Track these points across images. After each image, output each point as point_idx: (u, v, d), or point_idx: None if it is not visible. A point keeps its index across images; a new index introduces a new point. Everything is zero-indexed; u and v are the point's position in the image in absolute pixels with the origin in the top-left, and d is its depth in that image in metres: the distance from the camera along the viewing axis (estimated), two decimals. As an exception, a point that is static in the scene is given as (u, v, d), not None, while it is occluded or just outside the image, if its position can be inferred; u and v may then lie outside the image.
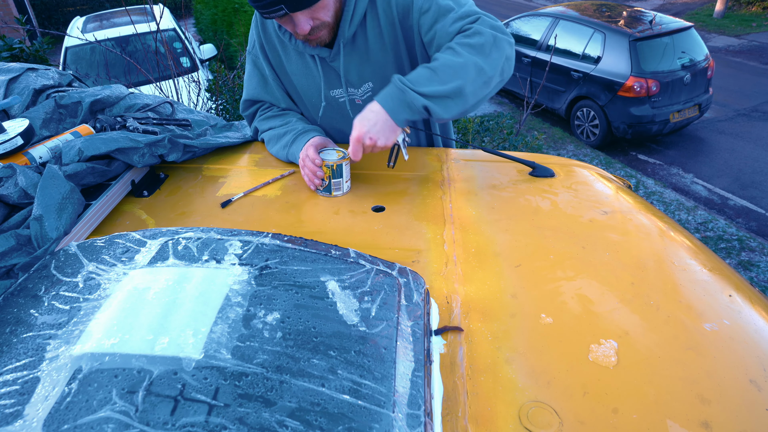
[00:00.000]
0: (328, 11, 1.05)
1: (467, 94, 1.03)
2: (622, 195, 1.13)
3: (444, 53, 1.05)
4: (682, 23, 5.57)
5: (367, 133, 1.02)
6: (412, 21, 1.13)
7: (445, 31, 1.08)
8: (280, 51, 1.24)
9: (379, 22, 1.14)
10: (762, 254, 3.82)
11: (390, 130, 1.04)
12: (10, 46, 4.19)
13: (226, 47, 6.37)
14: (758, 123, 6.05)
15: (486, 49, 1.04)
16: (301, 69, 1.24)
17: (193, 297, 0.64)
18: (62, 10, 11.72)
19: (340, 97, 1.26)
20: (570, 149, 5.66)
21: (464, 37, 1.05)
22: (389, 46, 1.17)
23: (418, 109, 1.02)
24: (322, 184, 1.10)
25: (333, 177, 1.09)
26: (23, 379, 0.54)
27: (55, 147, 1.09)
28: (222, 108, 3.25)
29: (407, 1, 1.11)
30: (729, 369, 0.67)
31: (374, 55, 1.18)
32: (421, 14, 1.11)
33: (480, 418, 0.62)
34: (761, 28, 10.05)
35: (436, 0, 1.09)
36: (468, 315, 0.77)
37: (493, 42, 1.05)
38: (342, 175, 1.09)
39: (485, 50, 1.04)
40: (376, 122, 1.02)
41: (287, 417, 0.52)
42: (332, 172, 1.08)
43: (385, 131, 1.03)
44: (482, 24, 1.07)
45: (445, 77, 1.01)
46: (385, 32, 1.15)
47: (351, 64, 1.19)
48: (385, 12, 1.13)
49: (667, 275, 0.85)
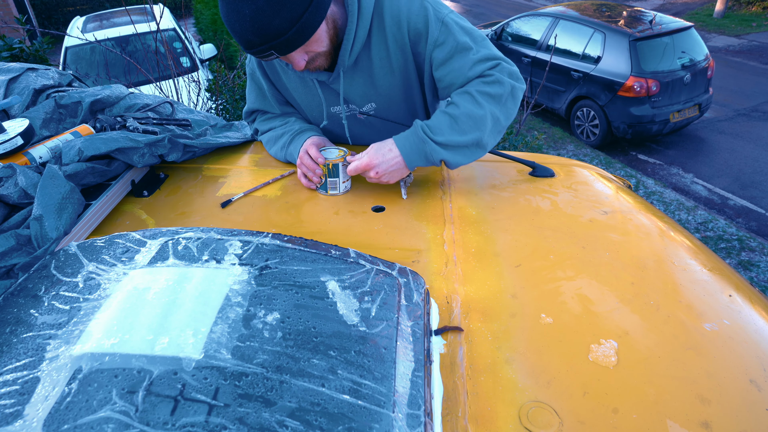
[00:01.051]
0: (321, 42, 1.01)
1: (484, 144, 1.07)
2: (622, 195, 1.13)
3: (463, 99, 1.05)
4: (682, 23, 5.57)
5: (376, 167, 1.04)
6: (424, 50, 1.09)
7: (463, 73, 1.07)
8: (279, 69, 1.21)
9: (387, 45, 1.09)
10: (762, 254, 3.82)
11: (399, 174, 1.07)
12: (10, 46, 4.19)
13: (226, 47, 6.37)
14: (758, 123, 6.05)
15: (503, 99, 1.06)
16: (301, 87, 1.22)
17: (193, 297, 0.64)
18: (62, 10, 11.72)
19: (339, 114, 1.24)
20: (570, 149, 5.66)
21: (484, 85, 1.05)
22: (397, 70, 1.13)
23: (434, 161, 1.05)
24: (320, 182, 1.10)
25: (329, 176, 1.09)
26: (23, 379, 0.54)
27: (55, 147, 1.09)
28: (222, 108, 3.25)
29: (421, 27, 1.06)
30: (729, 369, 0.67)
31: (379, 78, 1.14)
32: (436, 47, 1.07)
33: (480, 418, 0.62)
34: (761, 28, 10.05)
35: (453, 34, 1.05)
36: (468, 315, 0.77)
37: (511, 92, 1.07)
38: (338, 175, 1.09)
39: (503, 101, 1.06)
40: (390, 163, 1.05)
41: (287, 417, 0.52)
42: (329, 170, 1.08)
43: (394, 174, 1.07)
44: (502, 72, 1.06)
45: (465, 128, 1.04)
46: (393, 56, 1.10)
47: (353, 86, 1.16)
48: (394, 35, 1.08)
49: (667, 275, 0.85)
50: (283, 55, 0.97)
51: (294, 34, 0.93)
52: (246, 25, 0.90)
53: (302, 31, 0.94)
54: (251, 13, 0.88)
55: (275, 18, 0.89)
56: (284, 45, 0.94)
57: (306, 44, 0.98)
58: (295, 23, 0.92)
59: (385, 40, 1.09)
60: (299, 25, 0.92)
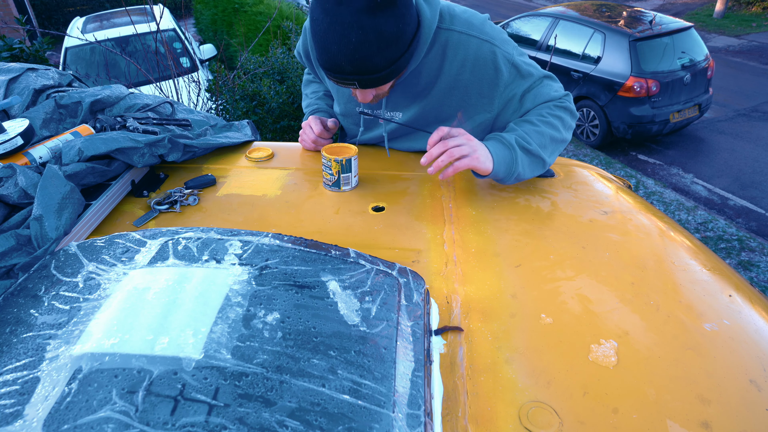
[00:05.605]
0: (390, 85, 1.03)
1: (547, 163, 1.10)
2: (622, 195, 1.13)
3: (538, 119, 1.08)
4: (682, 23, 5.57)
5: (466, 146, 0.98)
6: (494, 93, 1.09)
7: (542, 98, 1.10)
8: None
9: (440, 75, 1.09)
10: (762, 254, 3.82)
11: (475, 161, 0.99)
12: (10, 46, 4.19)
13: (226, 47, 6.38)
14: (758, 123, 6.05)
15: (567, 125, 1.12)
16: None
17: (193, 297, 0.64)
18: (62, 10, 11.72)
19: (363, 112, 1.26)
20: (570, 149, 5.66)
21: (557, 109, 1.10)
22: (441, 98, 1.13)
23: (512, 176, 1.05)
24: (331, 179, 1.11)
25: (343, 172, 1.10)
26: (23, 379, 0.54)
27: (55, 147, 1.09)
28: (222, 108, 3.25)
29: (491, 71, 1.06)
30: (729, 369, 0.67)
31: (420, 98, 1.14)
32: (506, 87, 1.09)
33: (480, 418, 0.62)
34: (761, 28, 10.05)
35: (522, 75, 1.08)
36: (468, 315, 0.77)
37: (571, 120, 1.13)
38: (351, 170, 1.11)
39: (567, 127, 1.11)
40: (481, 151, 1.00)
41: (287, 417, 0.52)
42: (342, 167, 1.09)
43: (474, 160, 0.98)
44: (570, 101, 1.13)
45: (545, 142, 1.06)
46: (442, 86, 1.10)
47: (391, 96, 1.16)
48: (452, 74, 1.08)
49: (667, 275, 0.85)
50: (363, 89, 0.97)
51: (386, 74, 0.93)
52: (345, 52, 0.87)
53: (393, 72, 0.95)
54: (357, 42, 0.86)
55: (377, 55, 0.89)
56: (372, 81, 0.94)
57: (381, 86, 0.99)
58: (392, 64, 0.92)
59: (439, 69, 1.08)
60: (394, 66, 0.93)
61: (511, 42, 1.10)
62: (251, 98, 3.29)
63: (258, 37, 4.09)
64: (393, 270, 0.79)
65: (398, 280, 0.77)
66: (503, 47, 1.06)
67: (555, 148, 1.09)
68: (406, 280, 0.78)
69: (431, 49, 1.06)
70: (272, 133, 3.34)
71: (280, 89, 3.32)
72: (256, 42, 4.76)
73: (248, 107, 3.24)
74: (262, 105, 3.30)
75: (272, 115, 3.30)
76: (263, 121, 3.29)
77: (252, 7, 6.63)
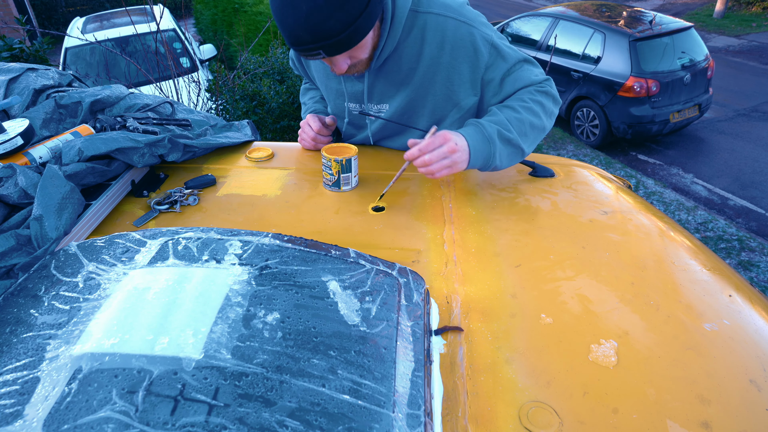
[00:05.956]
0: (366, 49, 1.03)
1: (526, 151, 1.10)
2: (622, 195, 1.13)
3: (518, 104, 1.08)
4: (682, 23, 5.57)
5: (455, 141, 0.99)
6: (475, 74, 1.10)
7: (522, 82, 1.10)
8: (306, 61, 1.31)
9: (420, 58, 1.10)
10: (762, 254, 3.82)
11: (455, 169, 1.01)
12: (10, 46, 4.19)
13: (226, 47, 6.38)
14: (758, 123, 6.05)
15: (548, 112, 1.12)
16: (324, 78, 1.29)
17: (193, 297, 0.63)
18: (62, 10, 11.72)
19: (353, 110, 1.28)
20: (570, 149, 5.66)
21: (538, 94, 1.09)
22: (424, 83, 1.14)
23: (489, 168, 1.06)
24: (331, 179, 1.11)
25: (343, 172, 1.10)
26: (23, 379, 0.54)
27: (55, 147, 1.09)
28: (222, 108, 3.25)
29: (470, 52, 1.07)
30: (729, 369, 0.67)
31: (403, 85, 1.15)
32: (487, 68, 1.10)
33: (480, 418, 0.62)
34: (761, 28, 10.05)
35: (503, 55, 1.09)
36: (468, 315, 0.77)
37: (554, 105, 1.13)
38: (351, 170, 1.11)
39: (548, 114, 1.12)
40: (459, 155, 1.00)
41: (287, 417, 0.52)
42: (342, 167, 1.09)
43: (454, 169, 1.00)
44: (552, 86, 1.13)
45: (524, 129, 1.07)
46: (423, 69, 1.11)
47: (375, 86, 1.18)
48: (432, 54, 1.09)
49: (667, 275, 0.85)
50: (330, 56, 0.98)
51: (346, 36, 0.93)
52: (300, 22, 0.89)
53: (354, 34, 0.94)
54: (308, 10, 0.88)
55: (330, 18, 0.89)
56: (334, 46, 0.94)
57: (353, 49, 0.99)
58: (349, 26, 0.92)
59: (419, 53, 1.10)
60: (352, 28, 0.93)
61: (489, 25, 1.11)
62: (251, 98, 3.29)
63: (258, 37, 4.10)
64: (393, 270, 0.79)
65: (398, 280, 0.77)
66: (481, 29, 1.08)
67: (535, 137, 1.10)
68: (406, 280, 0.78)
69: (410, 32, 1.07)
70: (272, 133, 3.34)
71: (280, 89, 3.32)
72: (256, 42, 4.76)
73: (248, 107, 3.24)
74: (262, 105, 3.30)
75: (272, 115, 3.30)
76: (263, 121, 3.29)
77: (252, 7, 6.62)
